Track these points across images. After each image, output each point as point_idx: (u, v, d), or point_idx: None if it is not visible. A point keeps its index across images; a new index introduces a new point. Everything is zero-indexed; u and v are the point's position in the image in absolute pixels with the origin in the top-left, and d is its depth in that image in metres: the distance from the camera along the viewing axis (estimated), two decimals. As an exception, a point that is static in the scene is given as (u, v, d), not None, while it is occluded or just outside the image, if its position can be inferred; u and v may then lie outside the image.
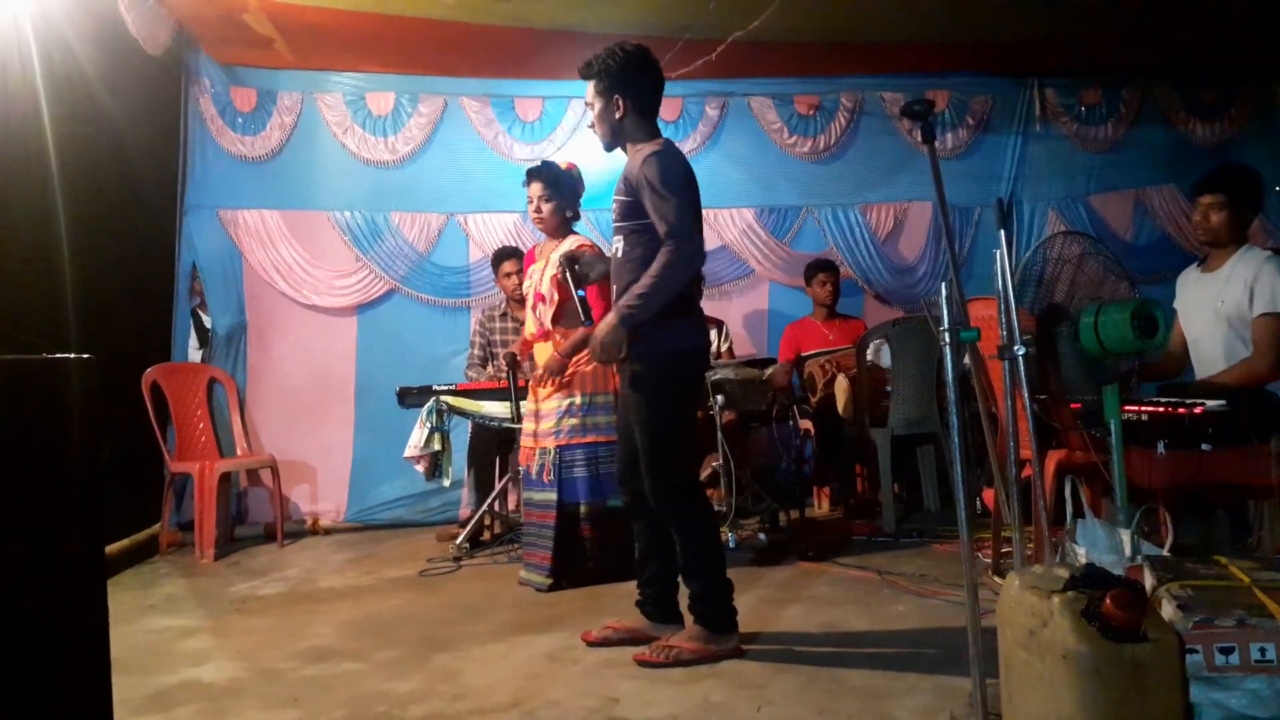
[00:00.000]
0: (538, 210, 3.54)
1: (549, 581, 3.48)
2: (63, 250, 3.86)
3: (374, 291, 5.33)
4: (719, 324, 5.36)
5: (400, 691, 2.47)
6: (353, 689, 2.52)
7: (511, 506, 4.78)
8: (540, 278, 3.58)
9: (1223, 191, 3.07)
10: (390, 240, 5.32)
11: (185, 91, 5.09)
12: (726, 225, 5.68)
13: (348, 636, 3.04)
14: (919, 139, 5.61)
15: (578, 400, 3.52)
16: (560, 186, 3.54)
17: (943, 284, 2.04)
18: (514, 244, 5.26)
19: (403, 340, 5.30)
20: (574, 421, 3.51)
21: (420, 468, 4.31)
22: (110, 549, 4.15)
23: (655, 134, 2.70)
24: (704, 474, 4.56)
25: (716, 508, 4.53)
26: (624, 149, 2.73)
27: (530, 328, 3.67)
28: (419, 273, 5.34)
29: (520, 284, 4.88)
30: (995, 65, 5.70)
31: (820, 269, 5.32)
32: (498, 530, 4.57)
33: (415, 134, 5.38)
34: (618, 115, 2.65)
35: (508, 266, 4.84)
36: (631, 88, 2.64)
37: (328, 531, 5.06)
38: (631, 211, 2.61)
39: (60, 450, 1.31)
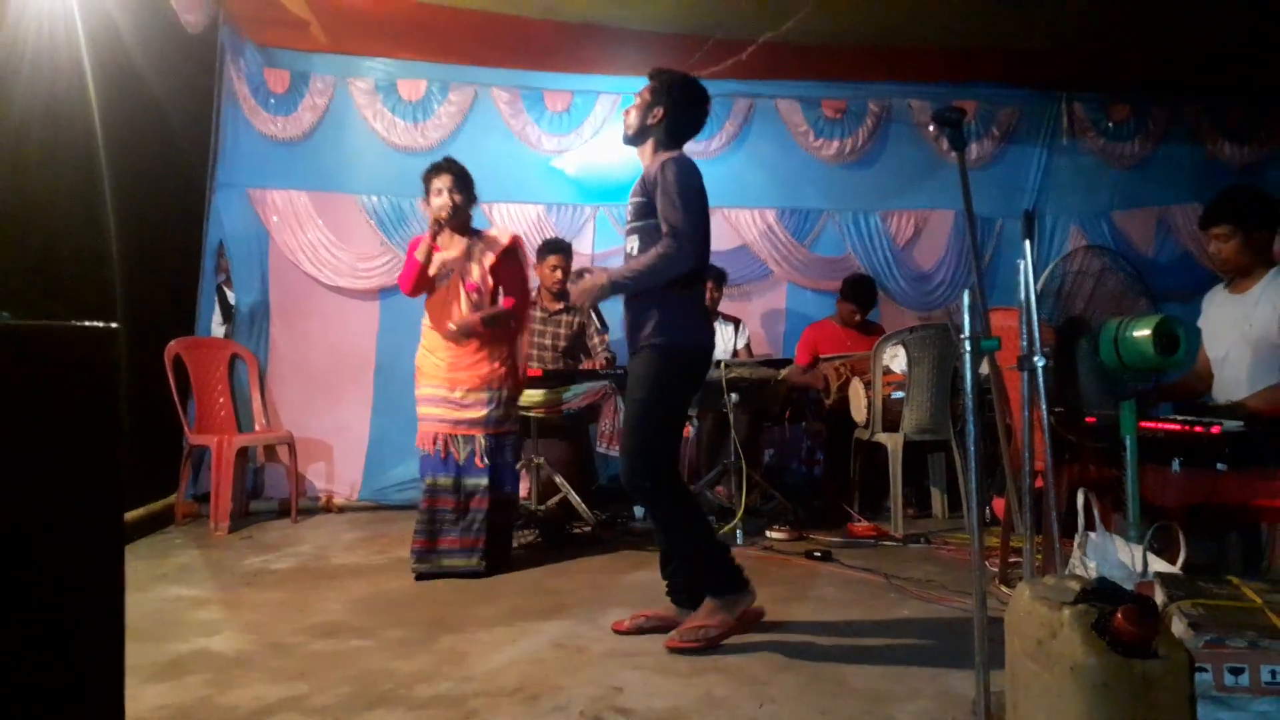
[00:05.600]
0: (450, 201, 3.63)
1: (483, 565, 3.54)
2: (109, 223, 3.92)
3: (397, 276, 5.35)
4: (736, 322, 5.37)
5: (407, 671, 2.50)
6: (360, 665, 2.55)
7: (524, 493, 4.80)
8: (473, 267, 3.66)
9: (1228, 221, 3.03)
10: (415, 226, 5.34)
11: (220, 70, 5.13)
12: (747, 225, 5.69)
13: (357, 614, 3.07)
14: (945, 148, 5.66)
15: (504, 394, 3.68)
16: (466, 180, 3.69)
17: (966, 292, 2.04)
18: (538, 235, 5.29)
19: (424, 326, 5.34)
20: (499, 413, 3.65)
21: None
22: (126, 517, 4.20)
23: (676, 149, 2.88)
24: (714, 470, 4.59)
25: (725, 505, 4.57)
26: (640, 152, 2.94)
27: (465, 312, 3.67)
28: (442, 259, 5.37)
29: (563, 280, 4.91)
30: (1024, 77, 5.68)
31: (857, 301, 5.16)
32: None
33: (445, 122, 5.41)
34: (652, 121, 2.86)
35: (554, 260, 4.87)
36: (676, 107, 2.86)
37: (341, 510, 5.10)
38: (647, 212, 2.79)
39: (83, 417, 1.32)
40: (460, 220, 3.69)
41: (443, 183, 3.64)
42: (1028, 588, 1.83)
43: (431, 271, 3.68)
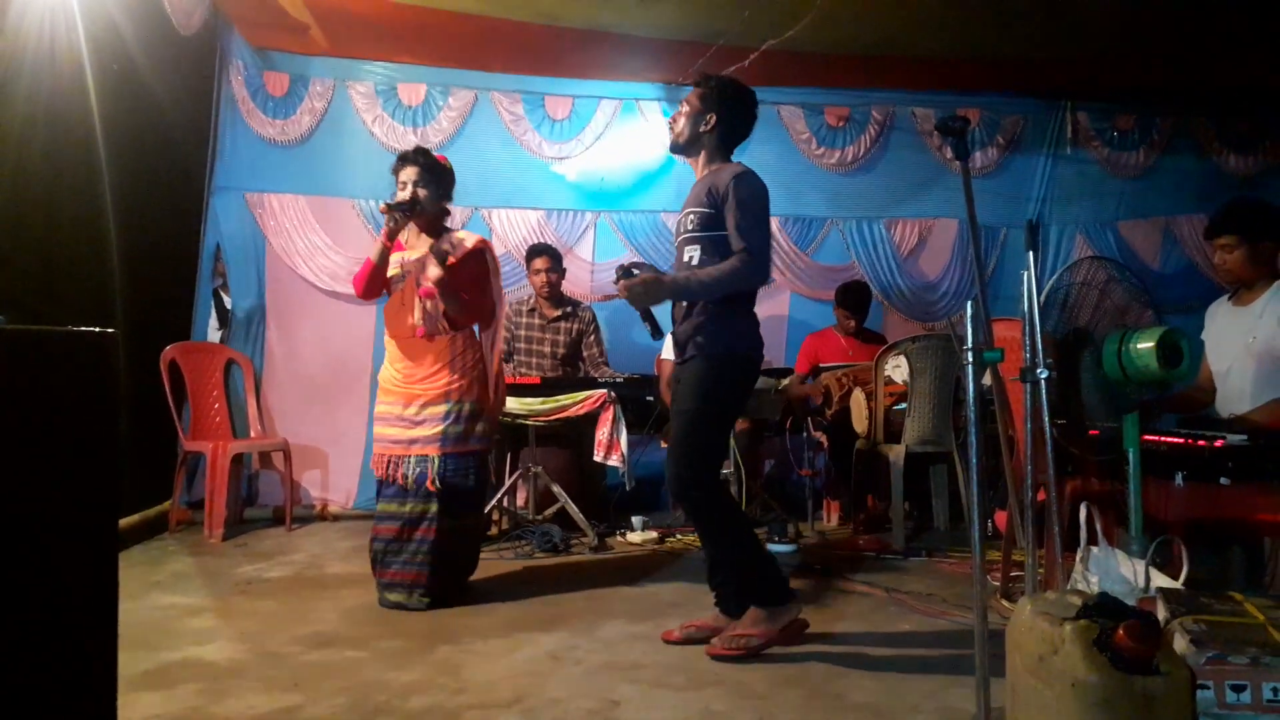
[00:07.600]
0: (412, 194, 3.31)
1: (425, 602, 3.20)
2: (109, 227, 3.91)
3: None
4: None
5: (401, 682, 2.47)
6: (354, 677, 2.52)
7: (520, 502, 4.78)
8: (430, 270, 3.26)
9: (1233, 231, 3.04)
10: (414, 231, 5.34)
11: (219, 73, 5.12)
12: (749, 233, 5.66)
13: (351, 624, 3.05)
14: (948, 156, 5.64)
15: (466, 407, 3.30)
16: (438, 173, 3.38)
17: (969, 302, 2.02)
18: (537, 240, 5.28)
19: (421, 332, 5.32)
20: (459, 429, 3.28)
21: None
22: (120, 524, 4.16)
23: (729, 159, 2.91)
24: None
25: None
26: (692, 161, 2.95)
27: (417, 320, 3.30)
28: (441, 265, 5.35)
29: (551, 280, 4.88)
30: (1028, 86, 5.68)
31: (849, 307, 5.16)
32: (506, 526, 4.57)
33: (445, 126, 5.40)
34: (704, 128, 2.88)
35: (539, 263, 4.85)
36: (727, 113, 2.88)
37: (336, 518, 5.07)
38: (713, 223, 2.78)
39: (79, 422, 1.31)
40: (428, 219, 3.37)
41: (408, 175, 3.32)
42: (1029, 602, 1.82)
43: (390, 272, 3.36)
